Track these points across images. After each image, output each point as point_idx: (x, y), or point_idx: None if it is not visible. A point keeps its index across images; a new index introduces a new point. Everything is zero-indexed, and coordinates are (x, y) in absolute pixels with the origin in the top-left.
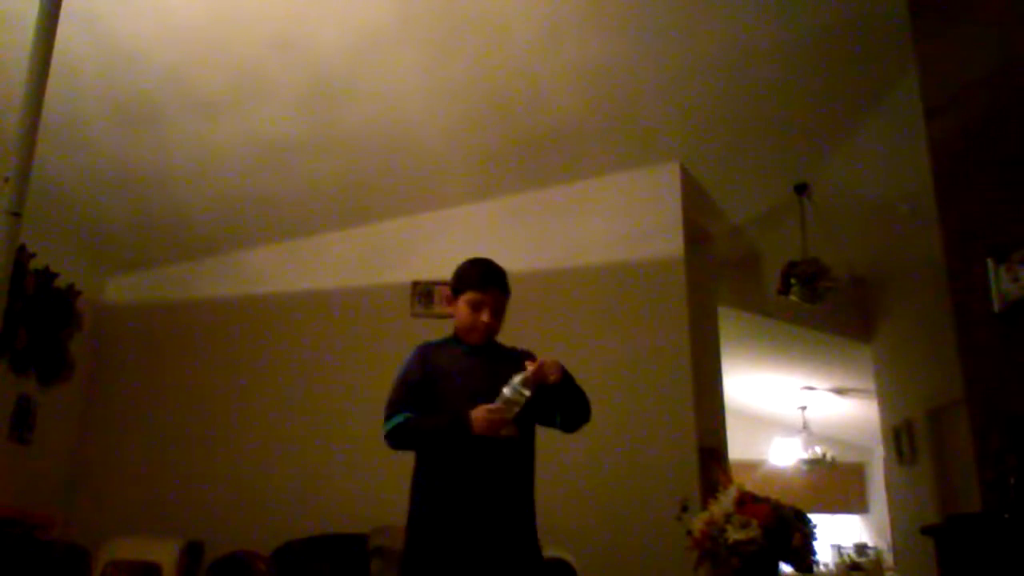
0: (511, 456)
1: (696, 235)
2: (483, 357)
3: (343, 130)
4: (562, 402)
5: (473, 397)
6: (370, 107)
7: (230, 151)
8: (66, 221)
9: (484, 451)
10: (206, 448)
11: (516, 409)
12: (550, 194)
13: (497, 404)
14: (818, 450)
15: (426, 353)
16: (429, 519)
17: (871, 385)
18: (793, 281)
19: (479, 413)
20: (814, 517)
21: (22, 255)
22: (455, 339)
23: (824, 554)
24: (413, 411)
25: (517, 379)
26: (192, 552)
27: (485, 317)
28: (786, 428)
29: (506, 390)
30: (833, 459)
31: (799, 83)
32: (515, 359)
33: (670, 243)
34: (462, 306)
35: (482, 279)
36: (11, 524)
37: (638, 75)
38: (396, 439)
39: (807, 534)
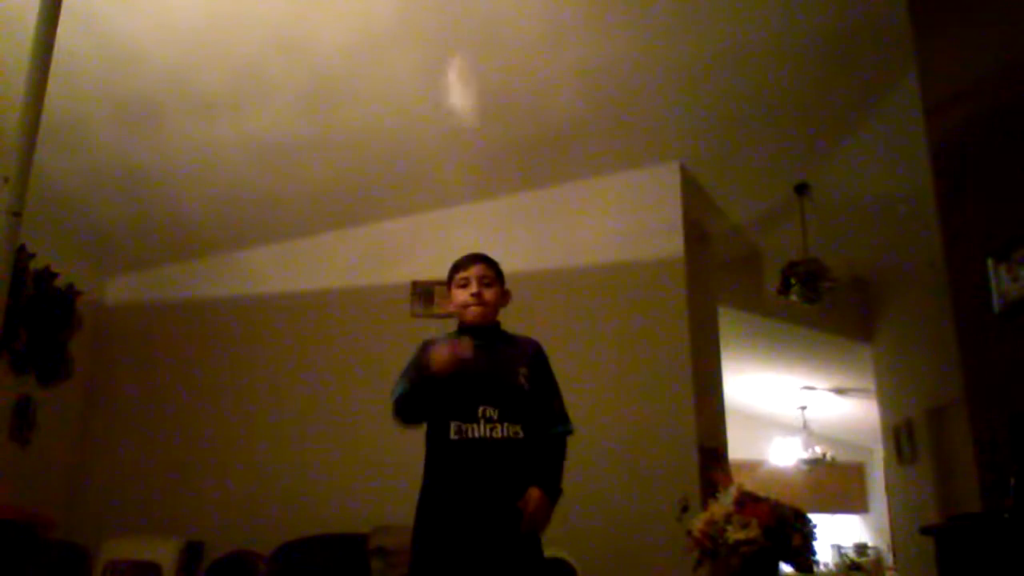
0: (512, 456)
1: (696, 235)
2: (486, 345)
3: (343, 130)
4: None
5: (476, 385)
6: (370, 107)
7: (230, 151)
8: (66, 221)
9: (485, 452)
10: (206, 448)
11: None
12: (550, 194)
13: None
14: (818, 450)
15: (430, 348)
16: (431, 519)
17: (871, 385)
18: (793, 281)
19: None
20: (814, 517)
21: (22, 255)
22: (458, 332)
23: (824, 554)
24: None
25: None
26: (192, 552)
27: (474, 288)
28: (786, 428)
29: None
30: (833, 459)
31: (799, 83)
32: (520, 345)
33: (670, 243)
34: (454, 291)
35: (463, 259)
36: (11, 524)
37: (638, 75)
38: (398, 411)
39: (807, 534)
